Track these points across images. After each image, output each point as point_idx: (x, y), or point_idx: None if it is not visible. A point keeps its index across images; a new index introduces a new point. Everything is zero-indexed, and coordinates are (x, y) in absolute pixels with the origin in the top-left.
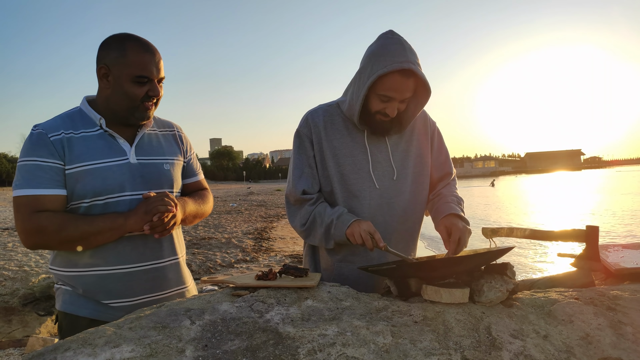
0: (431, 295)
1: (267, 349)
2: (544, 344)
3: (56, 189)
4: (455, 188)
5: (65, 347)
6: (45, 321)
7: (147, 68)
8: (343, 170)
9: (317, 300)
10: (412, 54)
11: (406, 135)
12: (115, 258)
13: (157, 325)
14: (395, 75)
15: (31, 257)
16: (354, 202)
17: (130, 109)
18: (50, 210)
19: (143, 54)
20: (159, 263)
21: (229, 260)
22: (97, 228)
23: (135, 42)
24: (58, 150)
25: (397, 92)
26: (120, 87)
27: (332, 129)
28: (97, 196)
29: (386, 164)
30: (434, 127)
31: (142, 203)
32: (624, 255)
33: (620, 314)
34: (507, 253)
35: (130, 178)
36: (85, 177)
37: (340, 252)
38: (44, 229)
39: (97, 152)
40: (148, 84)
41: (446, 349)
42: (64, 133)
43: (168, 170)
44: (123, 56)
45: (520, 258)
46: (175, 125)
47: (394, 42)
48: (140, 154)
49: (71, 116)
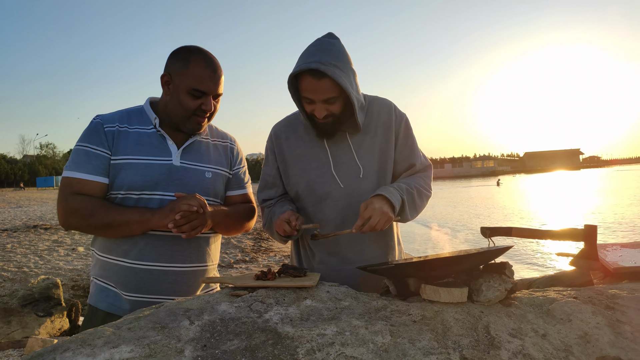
0: (430, 294)
1: (266, 349)
2: (542, 343)
3: (99, 176)
4: (419, 178)
5: (64, 348)
6: (45, 322)
7: (204, 82)
8: (309, 176)
9: (316, 300)
10: (328, 54)
11: (370, 131)
12: (137, 253)
13: (156, 325)
14: (306, 76)
15: (30, 258)
16: (322, 205)
17: (182, 119)
18: (88, 195)
19: (204, 69)
20: (180, 267)
21: (228, 260)
22: (125, 219)
23: (200, 56)
24: (109, 140)
25: (313, 93)
26: (177, 96)
27: (295, 138)
28: (133, 190)
29: (351, 163)
30: (400, 120)
31: (171, 202)
32: (623, 254)
33: (618, 312)
34: (505, 252)
35: (169, 178)
36: (126, 169)
37: (318, 254)
38: (77, 211)
39: (144, 148)
40: (203, 98)
41: (445, 348)
42: (119, 126)
43: (209, 178)
44: (185, 67)
45: (518, 257)
46: (231, 137)
47: (314, 44)
48: (185, 158)
49: (130, 113)
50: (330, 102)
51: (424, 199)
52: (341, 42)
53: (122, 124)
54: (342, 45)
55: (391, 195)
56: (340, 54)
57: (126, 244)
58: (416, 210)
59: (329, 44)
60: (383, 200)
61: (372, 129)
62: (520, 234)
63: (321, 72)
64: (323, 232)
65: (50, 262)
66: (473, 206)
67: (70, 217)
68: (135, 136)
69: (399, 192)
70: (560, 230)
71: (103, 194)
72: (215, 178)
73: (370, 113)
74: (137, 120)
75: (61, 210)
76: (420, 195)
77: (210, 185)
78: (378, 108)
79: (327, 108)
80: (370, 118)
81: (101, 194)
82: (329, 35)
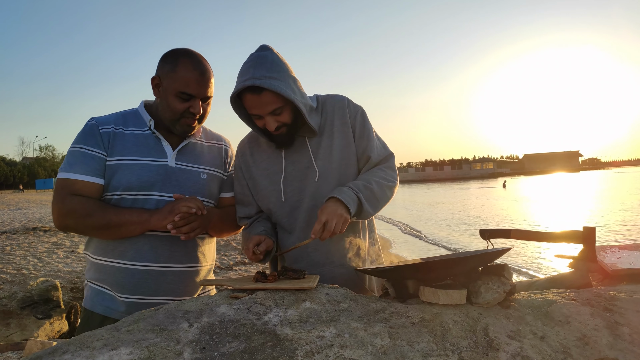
0: (429, 296)
1: (265, 351)
2: (541, 345)
3: (94, 177)
4: (378, 170)
5: (63, 350)
6: (44, 324)
7: (191, 85)
8: (276, 188)
9: (315, 302)
10: (261, 68)
11: (327, 131)
12: (134, 254)
13: (155, 327)
14: (247, 94)
15: (29, 260)
16: (293, 214)
17: (171, 121)
18: (84, 196)
19: (191, 72)
20: (178, 267)
21: (227, 262)
22: (123, 219)
23: (188, 59)
24: (104, 141)
25: (257, 108)
26: (166, 99)
27: (259, 152)
28: (129, 190)
29: (310, 168)
30: (355, 114)
31: (169, 203)
32: (621, 256)
33: (617, 314)
34: (504, 254)
35: (165, 179)
36: (122, 170)
37: (287, 260)
38: (74, 212)
39: (140, 149)
40: (191, 101)
41: (443, 350)
42: (114, 128)
43: (204, 179)
44: (173, 71)
45: (517, 259)
46: (225, 139)
47: (246, 61)
48: (180, 160)
49: (125, 115)
50: (277, 112)
51: (385, 190)
52: (274, 52)
53: (117, 126)
54: (276, 54)
55: (344, 195)
56: (274, 64)
57: (122, 245)
58: (378, 203)
59: (260, 57)
60: (337, 202)
61: (329, 129)
62: (519, 236)
63: (258, 87)
64: (290, 244)
65: (50, 265)
66: (487, 207)
67: (67, 218)
68: (131, 137)
69: (353, 191)
70: (559, 233)
71: (99, 195)
72: (211, 179)
73: (325, 113)
74: (132, 123)
75: (57, 211)
76: (381, 187)
77: (205, 186)
78: (332, 106)
79: (276, 119)
80: (326, 118)
81: (97, 195)
82: (260, 49)
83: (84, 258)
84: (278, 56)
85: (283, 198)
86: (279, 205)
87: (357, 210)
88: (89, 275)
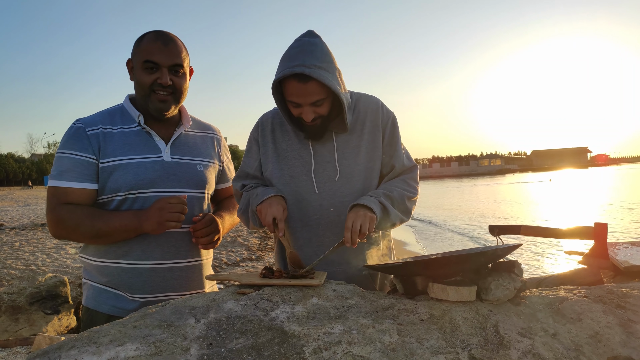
0: (438, 293)
1: (272, 348)
2: (552, 343)
3: (85, 183)
4: (400, 181)
5: (70, 346)
6: (52, 320)
7: (155, 54)
8: (292, 173)
9: (323, 299)
10: (311, 56)
11: (357, 131)
12: (140, 253)
13: (161, 323)
14: (291, 80)
15: (38, 256)
16: (301, 205)
17: (144, 98)
18: (75, 204)
19: (154, 42)
20: (183, 262)
21: (234, 258)
22: (112, 228)
23: (152, 33)
24: (93, 144)
25: (299, 97)
26: (136, 76)
27: (282, 132)
28: (130, 190)
29: (330, 165)
30: (387, 119)
31: (156, 207)
32: (633, 253)
33: (629, 312)
34: (514, 250)
35: (163, 175)
36: (118, 171)
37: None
38: (63, 222)
39: (133, 147)
40: (157, 72)
41: (453, 347)
42: (102, 128)
43: (201, 171)
44: (138, 46)
45: (528, 255)
46: (214, 128)
47: (295, 45)
48: (175, 153)
49: (112, 113)
50: (318, 104)
51: (405, 200)
52: (323, 41)
53: (105, 125)
54: (324, 43)
55: (365, 201)
56: (324, 53)
57: (126, 245)
58: (400, 213)
59: (310, 44)
60: (359, 207)
61: (359, 128)
62: (530, 232)
63: (306, 75)
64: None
65: (58, 260)
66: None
67: (58, 229)
68: (121, 136)
69: (375, 197)
70: (569, 229)
71: (92, 200)
72: (207, 170)
73: (357, 111)
74: (120, 120)
75: (48, 221)
76: (402, 197)
77: (203, 178)
78: (365, 106)
79: (314, 110)
80: (357, 117)
81: (90, 201)
82: (309, 34)
83: (81, 262)
84: (326, 45)
85: (316, 190)
86: (289, 191)
87: (383, 214)
88: (89, 275)
